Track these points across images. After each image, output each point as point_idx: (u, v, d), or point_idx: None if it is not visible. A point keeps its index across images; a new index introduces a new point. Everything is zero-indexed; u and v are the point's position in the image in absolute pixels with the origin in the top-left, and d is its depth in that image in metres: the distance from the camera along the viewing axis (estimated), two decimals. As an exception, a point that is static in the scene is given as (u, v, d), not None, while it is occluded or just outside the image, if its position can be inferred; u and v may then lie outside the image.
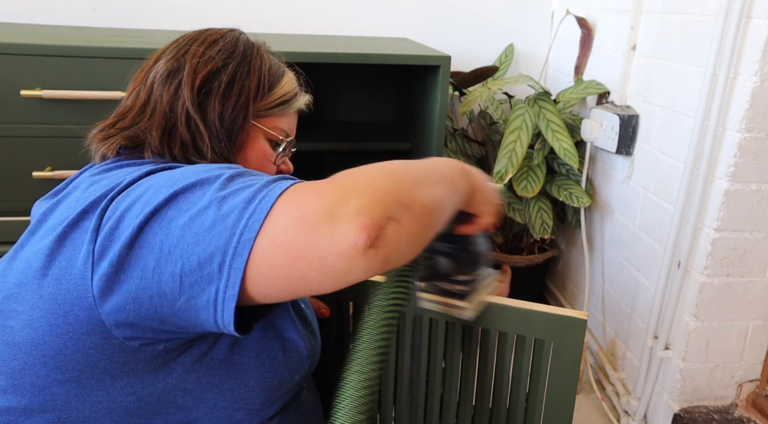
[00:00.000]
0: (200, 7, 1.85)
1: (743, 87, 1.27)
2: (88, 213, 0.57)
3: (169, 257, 0.52)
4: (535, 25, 2.11)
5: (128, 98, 0.74)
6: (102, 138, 0.71)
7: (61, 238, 0.57)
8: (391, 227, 0.50)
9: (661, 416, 1.57)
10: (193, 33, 0.77)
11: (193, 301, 0.52)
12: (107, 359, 0.57)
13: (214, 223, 0.51)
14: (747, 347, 1.50)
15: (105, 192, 0.58)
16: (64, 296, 0.55)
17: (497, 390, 0.84)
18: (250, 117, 0.74)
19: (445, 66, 1.45)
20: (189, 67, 0.71)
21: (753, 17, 1.24)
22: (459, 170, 0.65)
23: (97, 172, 0.67)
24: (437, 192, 0.58)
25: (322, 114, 1.99)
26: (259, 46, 0.79)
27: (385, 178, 0.54)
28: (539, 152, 1.80)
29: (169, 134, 0.71)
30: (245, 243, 0.50)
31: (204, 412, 0.65)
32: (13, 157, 1.32)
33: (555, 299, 2.17)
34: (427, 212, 0.55)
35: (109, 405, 0.59)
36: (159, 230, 0.53)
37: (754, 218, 1.37)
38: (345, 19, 2.00)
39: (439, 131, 1.50)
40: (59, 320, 0.56)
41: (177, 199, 0.54)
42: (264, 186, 0.54)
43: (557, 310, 0.79)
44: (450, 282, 0.73)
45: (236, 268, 0.50)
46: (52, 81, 1.29)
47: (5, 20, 1.77)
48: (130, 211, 0.55)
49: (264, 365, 0.68)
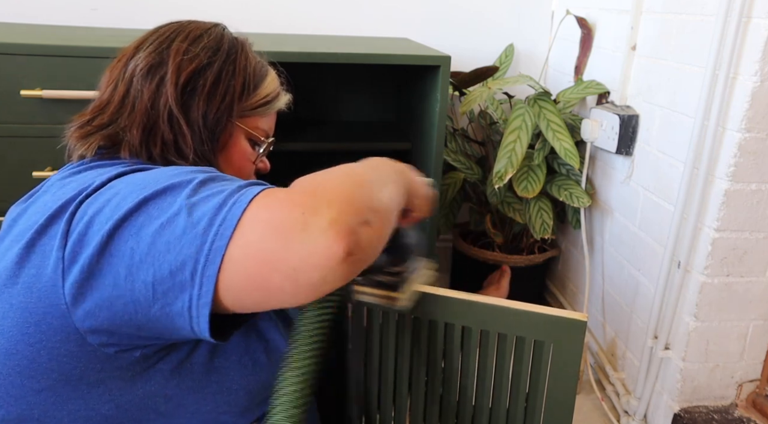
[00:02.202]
0: (200, 7, 1.85)
1: (743, 87, 1.27)
2: (56, 218, 0.55)
3: (141, 265, 0.51)
4: (535, 25, 2.11)
5: (105, 91, 0.72)
6: (80, 136, 0.69)
7: (29, 244, 0.55)
8: (364, 231, 0.50)
9: (661, 416, 1.57)
10: (174, 25, 0.74)
11: (168, 308, 0.51)
12: (82, 367, 0.56)
13: (185, 230, 0.50)
14: (747, 347, 1.50)
15: (73, 196, 0.56)
16: (36, 304, 0.54)
17: (497, 391, 0.84)
18: (234, 117, 0.73)
19: (445, 66, 1.45)
20: (173, 64, 0.69)
21: (753, 17, 1.24)
22: (396, 169, 0.66)
23: (67, 174, 0.65)
24: (391, 192, 0.59)
25: (322, 114, 1.99)
26: (243, 43, 0.77)
27: (352, 184, 0.54)
28: (539, 152, 1.80)
29: (150, 133, 0.69)
30: (217, 250, 0.49)
31: (187, 417, 0.64)
32: (13, 157, 1.32)
33: (555, 299, 2.17)
34: (389, 212, 0.56)
35: (87, 413, 0.58)
36: (129, 238, 0.51)
37: (754, 218, 1.37)
38: (345, 19, 1.99)
39: (439, 131, 1.50)
40: (32, 329, 0.54)
41: (147, 206, 0.53)
42: (234, 192, 0.53)
43: (557, 311, 0.79)
44: (383, 274, 0.74)
45: (208, 276, 0.49)
46: (52, 81, 1.29)
47: (5, 20, 1.77)
48: (98, 215, 0.53)
49: (247, 368, 0.67)
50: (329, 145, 1.71)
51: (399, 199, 0.62)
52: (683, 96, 1.44)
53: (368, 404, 0.90)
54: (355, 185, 0.53)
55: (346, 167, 0.58)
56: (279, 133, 1.76)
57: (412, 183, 0.68)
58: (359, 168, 0.59)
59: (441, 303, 0.83)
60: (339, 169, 0.57)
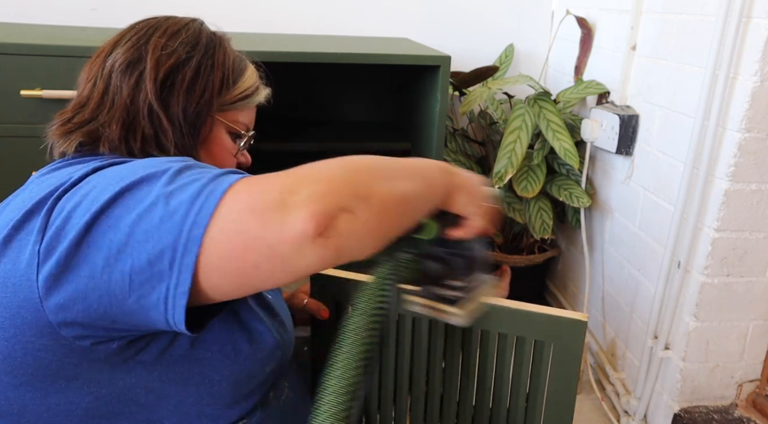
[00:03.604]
0: (200, 7, 1.85)
1: (743, 87, 1.27)
2: (33, 214, 0.55)
3: (119, 255, 0.51)
4: (535, 25, 2.11)
5: (84, 88, 0.72)
6: (61, 134, 0.70)
7: (6, 240, 0.55)
8: (344, 217, 0.50)
9: (661, 416, 1.57)
10: (152, 21, 0.75)
11: (144, 300, 0.51)
12: (58, 361, 0.56)
13: (162, 219, 0.50)
14: (747, 347, 1.50)
15: (50, 192, 0.56)
16: (10, 299, 0.54)
17: (497, 391, 0.84)
18: (214, 111, 0.73)
19: (445, 66, 1.45)
20: (151, 60, 0.70)
21: (753, 17, 1.24)
22: (440, 168, 0.64)
23: (46, 171, 0.65)
24: (403, 186, 0.57)
25: (322, 114, 1.99)
26: (221, 38, 0.77)
27: (342, 169, 0.53)
28: (539, 152, 1.80)
29: (129, 128, 0.69)
30: (194, 239, 0.49)
31: (170, 409, 0.63)
32: (13, 157, 1.32)
33: (555, 299, 2.17)
34: (388, 205, 0.55)
35: (67, 407, 0.58)
36: (108, 229, 0.51)
37: (754, 218, 1.37)
38: (345, 19, 1.99)
39: (439, 131, 1.50)
40: (6, 323, 0.54)
41: (124, 197, 0.53)
42: (211, 180, 0.53)
43: (557, 311, 0.79)
44: (443, 287, 0.72)
45: (186, 264, 0.49)
46: (52, 81, 1.29)
47: (5, 20, 1.77)
48: (77, 210, 0.53)
49: (229, 358, 0.66)
50: (329, 145, 1.71)
51: (424, 198, 0.61)
52: (683, 96, 1.44)
53: (368, 404, 0.90)
54: (347, 172, 0.53)
55: (354, 156, 0.57)
56: (279, 133, 1.76)
57: (461, 186, 0.66)
58: (370, 159, 0.57)
59: (441, 303, 0.83)
60: (344, 158, 0.56)
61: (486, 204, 0.69)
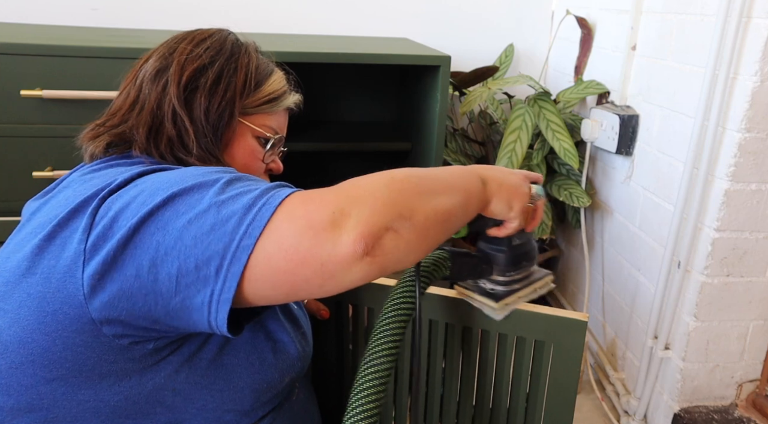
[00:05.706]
0: (200, 6, 1.85)
1: (743, 87, 1.27)
2: (79, 212, 0.57)
3: (166, 257, 0.53)
4: (535, 25, 2.11)
5: (118, 98, 0.75)
6: (91, 137, 0.72)
7: (50, 236, 0.57)
8: (389, 237, 0.52)
9: (661, 416, 1.57)
10: (182, 33, 0.77)
11: (188, 301, 0.53)
12: (96, 358, 0.57)
13: (213, 227, 0.52)
14: (747, 347, 1.50)
15: (96, 191, 0.58)
16: (54, 294, 0.55)
17: (497, 391, 0.84)
18: (237, 114, 0.74)
19: (445, 66, 1.45)
20: (176, 65, 0.72)
21: (753, 17, 1.24)
22: (478, 177, 0.66)
23: (88, 171, 0.67)
24: (444, 202, 0.59)
25: (322, 114, 1.99)
26: (248, 45, 0.79)
27: (387, 188, 0.55)
28: (539, 152, 1.80)
29: (156, 131, 0.71)
30: (244, 248, 0.51)
31: (192, 413, 0.65)
32: (13, 157, 1.32)
33: (555, 299, 2.17)
34: (429, 222, 0.56)
35: (96, 404, 0.59)
36: (156, 231, 0.53)
37: (754, 218, 1.37)
38: (345, 19, 2.00)
39: (439, 131, 1.50)
40: (48, 318, 0.56)
41: (174, 202, 0.55)
42: (264, 193, 0.55)
43: (557, 312, 0.79)
44: (492, 281, 0.76)
45: (233, 272, 0.52)
46: (52, 81, 1.29)
47: (5, 20, 1.77)
48: (125, 211, 0.55)
49: (254, 366, 0.68)
50: (329, 145, 1.71)
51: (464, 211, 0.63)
52: (683, 96, 1.44)
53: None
54: (392, 192, 0.55)
55: (398, 171, 0.59)
56: (279, 133, 1.76)
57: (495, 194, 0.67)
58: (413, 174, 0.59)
59: (441, 303, 0.83)
60: (389, 173, 0.58)
61: (521, 204, 0.70)
